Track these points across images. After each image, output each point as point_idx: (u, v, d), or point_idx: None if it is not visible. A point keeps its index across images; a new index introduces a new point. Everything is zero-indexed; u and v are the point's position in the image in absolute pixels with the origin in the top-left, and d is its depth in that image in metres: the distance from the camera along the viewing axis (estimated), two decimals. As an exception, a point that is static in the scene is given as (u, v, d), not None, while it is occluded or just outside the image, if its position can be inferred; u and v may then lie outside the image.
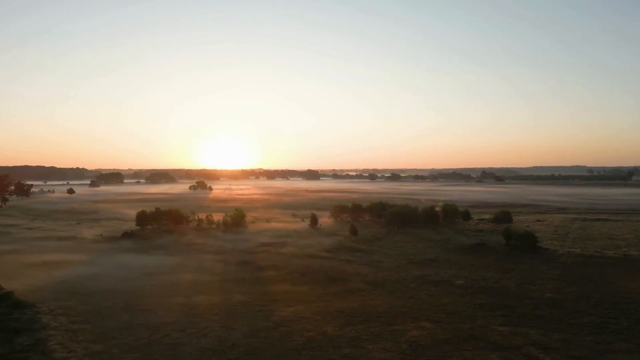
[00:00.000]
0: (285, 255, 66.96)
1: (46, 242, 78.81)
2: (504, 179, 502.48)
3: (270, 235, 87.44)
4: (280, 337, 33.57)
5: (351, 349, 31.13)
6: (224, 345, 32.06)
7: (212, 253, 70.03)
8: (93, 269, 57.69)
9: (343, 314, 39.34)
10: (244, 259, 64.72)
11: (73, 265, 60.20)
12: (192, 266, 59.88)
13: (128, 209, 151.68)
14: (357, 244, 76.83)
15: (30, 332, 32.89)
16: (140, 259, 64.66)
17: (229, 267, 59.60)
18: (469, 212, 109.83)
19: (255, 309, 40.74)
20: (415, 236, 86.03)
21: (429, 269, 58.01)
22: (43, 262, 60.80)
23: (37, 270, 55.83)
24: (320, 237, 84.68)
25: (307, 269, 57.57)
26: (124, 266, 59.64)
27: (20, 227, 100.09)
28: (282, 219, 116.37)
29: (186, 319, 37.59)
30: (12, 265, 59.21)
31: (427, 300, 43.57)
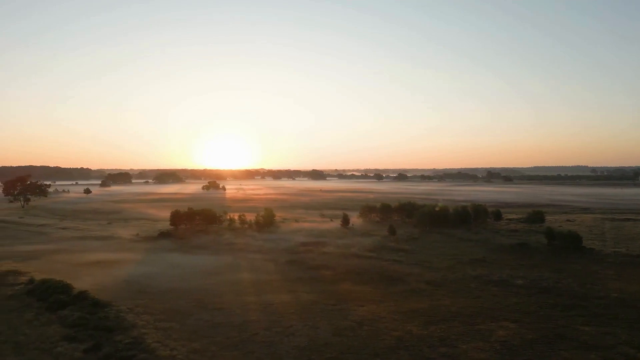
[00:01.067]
0: (331, 255, 67.05)
1: (87, 242, 79.22)
2: (512, 179, 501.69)
3: (306, 235, 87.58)
4: (368, 336, 33.70)
5: (446, 348, 31.24)
6: (316, 343, 32.23)
7: (257, 252, 70.23)
8: (147, 268, 57.99)
9: (418, 313, 39.45)
10: (291, 258, 64.84)
11: (126, 264, 60.56)
12: (244, 266, 60.05)
13: (150, 209, 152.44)
14: (398, 244, 76.84)
15: (123, 330, 33.15)
16: (188, 259, 64.89)
17: (281, 267, 59.77)
18: (500, 212, 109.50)
19: (328, 308, 40.91)
20: (452, 236, 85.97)
21: (481, 269, 57.99)
22: (96, 262, 61.20)
23: (93, 270, 56.17)
24: (357, 237, 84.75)
25: (359, 269, 57.67)
26: (175, 265, 59.91)
27: (53, 227, 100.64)
28: (309, 219, 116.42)
29: (267, 318, 37.78)
30: (67, 264, 59.63)
31: (496, 300, 43.60)
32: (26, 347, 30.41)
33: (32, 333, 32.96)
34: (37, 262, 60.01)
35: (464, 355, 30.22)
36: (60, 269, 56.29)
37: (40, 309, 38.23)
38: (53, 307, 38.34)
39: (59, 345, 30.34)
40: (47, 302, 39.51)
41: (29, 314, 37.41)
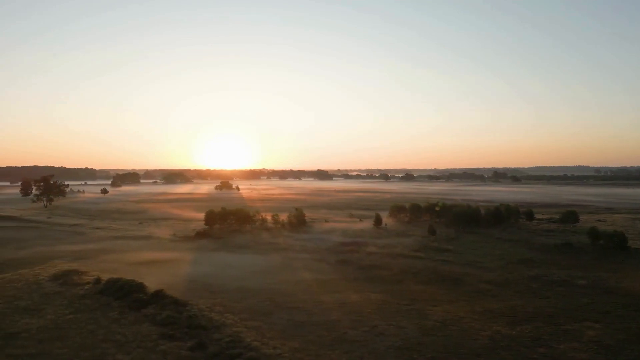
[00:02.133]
0: (378, 255, 67.03)
1: (129, 242, 79.53)
2: (520, 179, 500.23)
3: (342, 235, 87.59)
4: (459, 336, 33.74)
5: (544, 349, 31.25)
6: (410, 343, 32.29)
7: (302, 252, 70.32)
8: (203, 267, 58.21)
9: (496, 313, 39.44)
10: (340, 258, 64.88)
11: (179, 263, 60.85)
12: (297, 266, 60.12)
13: (173, 209, 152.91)
14: (440, 244, 76.74)
15: (216, 329, 33.31)
16: (238, 258, 65.05)
17: (334, 267, 59.84)
18: (532, 212, 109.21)
19: (403, 308, 40.97)
20: (489, 236, 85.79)
21: (536, 269, 57.84)
22: (149, 261, 61.52)
23: (150, 269, 56.40)
24: (395, 238, 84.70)
25: (414, 269, 57.64)
26: (228, 265, 60.04)
27: (87, 227, 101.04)
28: (337, 219, 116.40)
29: (347, 317, 37.88)
30: (121, 264, 59.94)
31: (567, 301, 43.51)
32: (127, 345, 30.60)
33: (126, 331, 33.15)
34: (90, 262, 60.29)
35: (564, 355, 30.22)
36: (117, 268, 56.55)
37: (122, 308, 38.45)
38: (134, 305, 38.57)
39: (160, 344, 30.52)
40: (126, 301, 39.75)
41: (113, 312, 37.63)
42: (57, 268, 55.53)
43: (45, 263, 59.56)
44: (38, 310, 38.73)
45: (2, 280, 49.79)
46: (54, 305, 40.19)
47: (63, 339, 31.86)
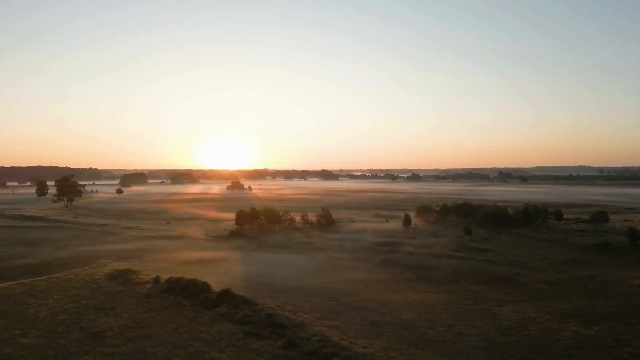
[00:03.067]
0: (420, 256, 67.05)
1: (166, 242, 79.82)
2: (527, 179, 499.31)
3: (374, 235, 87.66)
4: (540, 336, 33.76)
5: (631, 348, 31.25)
6: (494, 342, 32.35)
7: (342, 252, 70.48)
8: (251, 267, 58.40)
9: (564, 313, 39.43)
10: (382, 258, 64.97)
11: (226, 263, 61.17)
12: (344, 266, 60.24)
13: (194, 209, 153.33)
14: (477, 244, 76.69)
15: (297, 327, 33.41)
16: (282, 258, 65.18)
17: (381, 267, 59.94)
18: (561, 212, 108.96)
19: (470, 308, 41.03)
20: (522, 236, 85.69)
21: (586, 269, 57.74)
22: (196, 261, 61.90)
23: (202, 268, 56.59)
24: (429, 238, 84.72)
25: (462, 269, 57.65)
26: (275, 265, 60.19)
27: (117, 227, 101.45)
28: (362, 219, 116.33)
29: (421, 317, 37.97)
30: (171, 263, 60.27)
31: (630, 300, 43.46)
32: (217, 343, 30.78)
33: (209, 330, 33.33)
34: (138, 262, 60.54)
35: (654, 354, 30.22)
36: (168, 267, 56.82)
37: (194, 307, 38.64)
38: (206, 304, 38.77)
39: (249, 342, 30.69)
40: (196, 300, 39.95)
41: (187, 311, 37.84)
42: (108, 267, 55.82)
43: (93, 263, 59.88)
44: (110, 309, 38.95)
45: (58, 279, 50.10)
46: (123, 304, 40.43)
47: (150, 337, 32.05)
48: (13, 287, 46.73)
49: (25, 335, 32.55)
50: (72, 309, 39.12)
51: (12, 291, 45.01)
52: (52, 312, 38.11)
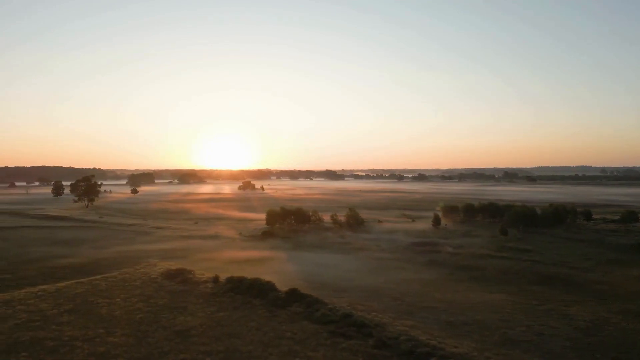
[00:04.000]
0: (462, 256, 67.03)
1: (203, 241, 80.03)
2: (535, 179, 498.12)
3: (407, 235, 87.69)
4: (622, 336, 33.71)
5: None
6: (579, 343, 32.34)
7: (381, 251, 70.51)
8: (301, 266, 58.52)
9: (633, 313, 39.38)
10: (427, 258, 65.02)
11: (273, 262, 61.32)
12: (390, 265, 60.28)
13: (214, 209, 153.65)
14: (515, 243, 76.59)
15: (379, 328, 33.38)
16: (324, 258, 65.26)
17: (429, 267, 59.94)
18: (590, 212, 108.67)
19: (538, 308, 41.01)
20: (556, 236, 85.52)
21: (632, 269, 57.69)
22: (244, 260, 62.08)
23: (252, 267, 56.65)
24: (463, 238, 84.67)
25: (511, 269, 57.68)
26: (321, 264, 60.28)
27: (146, 227, 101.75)
28: (388, 219, 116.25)
29: (494, 317, 37.96)
30: (219, 262, 60.46)
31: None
32: (306, 342, 30.86)
33: (291, 329, 33.42)
34: (187, 261, 60.65)
35: None
36: (218, 266, 56.95)
37: (266, 306, 38.76)
38: (278, 303, 38.89)
39: (337, 342, 30.77)
40: (265, 299, 40.09)
41: (261, 310, 37.97)
42: (159, 267, 55.96)
43: (141, 262, 60.00)
44: (181, 308, 39.09)
45: (115, 279, 50.29)
46: (192, 303, 40.56)
47: (236, 335, 32.16)
48: (73, 286, 46.94)
49: (111, 334, 32.71)
50: (143, 307, 39.28)
51: (74, 290, 45.22)
52: (126, 311, 38.28)
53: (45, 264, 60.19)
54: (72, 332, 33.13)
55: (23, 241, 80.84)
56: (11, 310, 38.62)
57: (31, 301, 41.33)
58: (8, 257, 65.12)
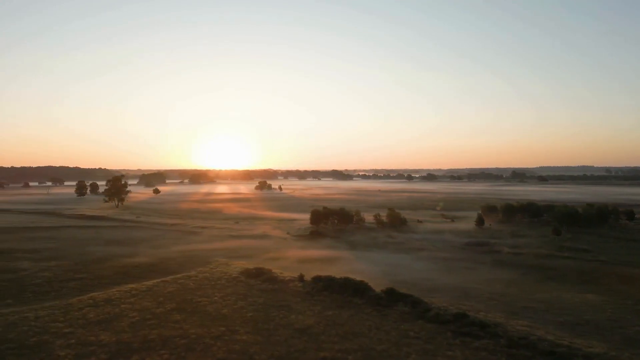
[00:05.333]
0: (525, 256, 66.96)
1: (257, 241, 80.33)
2: (547, 179, 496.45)
3: (455, 235, 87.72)
4: None
5: None
6: None
7: (439, 251, 70.62)
8: (372, 266, 58.62)
9: None
10: (493, 258, 65.05)
11: (342, 262, 61.43)
12: (458, 266, 60.28)
13: (244, 208, 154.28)
14: (572, 243, 76.44)
15: (498, 327, 33.45)
16: (387, 257, 65.46)
17: (498, 267, 59.93)
18: (633, 212, 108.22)
19: (636, 308, 40.99)
20: (605, 236, 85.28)
21: None
22: (316, 259, 62.31)
23: (327, 266, 56.69)
24: (513, 238, 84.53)
25: (584, 269, 57.65)
26: (389, 264, 60.41)
27: (189, 227, 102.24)
28: (427, 219, 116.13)
29: (601, 317, 37.91)
30: (290, 261, 60.72)
31: None
32: (435, 341, 30.92)
33: (411, 328, 33.50)
34: (256, 260, 60.73)
35: None
36: (290, 265, 57.30)
37: (369, 305, 38.86)
38: (381, 303, 39.02)
39: (468, 341, 30.81)
40: (364, 298, 40.26)
41: (367, 309, 38.06)
42: (234, 266, 56.20)
43: (209, 261, 60.18)
44: (285, 306, 39.22)
45: (197, 277, 50.54)
46: (293, 301, 40.63)
47: (360, 334, 32.24)
48: (162, 285, 47.24)
49: (235, 332, 32.90)
50: (247, 306, 39.47)
51: (166, 289, 45.51)
52: (232, 309, 38.48)
53: (113, 264, 60.49)
54: (194, 330, 33.37)
55: (75, 241, 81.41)
56: (117, 308, 38.96)
57: (131, 300, 41.68)
58: (71, 257, 65.43)
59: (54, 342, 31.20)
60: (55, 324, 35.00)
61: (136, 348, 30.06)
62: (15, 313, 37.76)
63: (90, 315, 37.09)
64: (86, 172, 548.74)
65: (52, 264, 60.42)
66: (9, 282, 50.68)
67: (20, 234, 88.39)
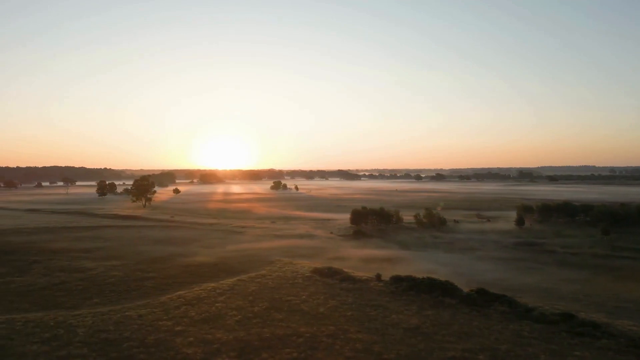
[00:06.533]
0: (583, 256, 66.88)
1: (305, 240, 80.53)
2: (557, 179, 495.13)
3: (499, 234, 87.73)
4: None
5: None
6: None
7: (490, 251, 70.71)
8: (437, 266, 58.61)
9: None
10: (550, 259, 64.95)
11: (402, 261, 61.59)
12: (521, 266, 60.30)
13: (272, 208, 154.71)
14: (624, 243, 76.24)
15: (610, 327, 33.50)
16: (444, 257, 65.57)
17: (561, 267, 59.99)
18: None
19: None
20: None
21: None
22: (381, 258, 62.49)
23: (386, 265, 57.01)
24: (557, 238, 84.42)
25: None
26: (448, 264, 60.47)
27: (229, 227, 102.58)
28: (463, 219, 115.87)
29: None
30: (355, 261, 60.77)
31: None
32: (553, 341, 31.00)
33: (523, 328, 33.56)
34: (320, 260, 61.08)
35: None
36: (357, 265, 57.62)
37: (465, 305, 38.94)
38: (476, 302, 39.09)
39: (587, 341, 30.84)
40: (456, 298, 40.38)
41: (463, 309, 38.18)
42: (300, 265, 56.42)
43: (272, 261, 60.29)
44: (380, 306, 39.28)
45: (271, 276, 50.77)
46: (385, 300, 40.78)
47: (473, 334, 32.32)
48: (242, 283, 47.45)
49: (346, 331, 33.02)
50: (340, 305, 39.53)
51: (247, 288, 45.69)
52: (327, 308, 38.63)
53: (176, 263, 60.69)
54: (304, 328, 33.49)
55: (123, 240, 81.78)
56: (213, 307, 39.17)
57: (220, 299, 41.92)
58: (127, 256, 65.54)
59: (173, 339, 31.45)
60: (162, 322, 35.29)
61: (258, 346, 30.22)
62: (114, 312, 38.08)
63: (191, 314, 37.36)
64: (93, 172, 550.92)
65: (114, 263, 60.81)
66: (83, 281, 51.10)
67: (65, 234, 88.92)
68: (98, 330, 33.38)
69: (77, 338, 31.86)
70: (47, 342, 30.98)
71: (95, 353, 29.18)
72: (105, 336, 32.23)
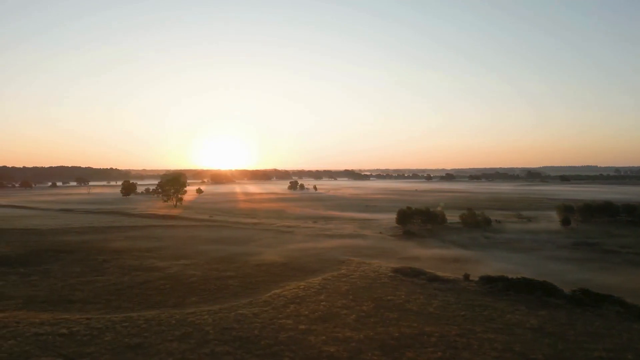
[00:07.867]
0: (648, 255, 66.75)
1: (360, 240, 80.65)
2: (569, 179, 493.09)
3: (551, 234, 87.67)
4: None
5: None
6: None
7: (554, 251, 70.61)
8: (513, 266, 58.64)
9: None
10: (618, 259, 64.79)
11: (471, 261, 61.74)
12: (595, 266, 59.95)
13: (303, 208, 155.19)
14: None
15: None
16: (514, 257, 65.49)
17: (633, 267, 59.79)
18: None
19: None
20: None
21: None
22: (448, 258, 62.85)
23: (459, 265, 57.04)
24: (610, 238, 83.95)
25: None
26: (525, 264, 60.33)
27: (274, 226, 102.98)
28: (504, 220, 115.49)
29: None
30: (422, 261, 60.94)
31: None
32: None
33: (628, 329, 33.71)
34: (393, 260, 61.32)
35: None
36: (434, 265, 57.58)
37: (574, 306, 39.05)
38: (583, 303, 39.19)
39: None
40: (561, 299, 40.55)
41: (575, 309, 38.27)
42: (376, 265, 56.67)
43: (343, 261, 60.46)
44: (488, 306, 39.41)
45: (354, 276, 51.01)
46: (487, 301, 40.94)
47: (602, 336, 32.41)
48: (332, 283, 47.69)
49: (470, 330, 33.18)
50: (446, 305, 39.54)
51: (340, 287, 45.89)
52: (435, 308, 38.72)
53: (245, 262, 60.68)
54: (428, 328, 33.61)
55: (178, 240, 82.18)
56: (321, 306, 39.28)
57: (319, 298, 42.01)
58: (192, 256, 65.51)
59: (306, 338, 31.64)
60: (282, 320, 35.52)
61: (395, 345, 30.41)
62: (225, 310, 38.35)
63: (304, 312, 37.59)
64: (100, 172, 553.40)
65: (184, 262, 61.17)
66: (165, 280, 51.40)
67: (115, 234, 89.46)
68: (225, 328, 33.66)
69: (209, 336, 32.14)
70: (184, 340, 31.30)
71: (240, 350, 29.45)
72: (237, 334, 32.51)
